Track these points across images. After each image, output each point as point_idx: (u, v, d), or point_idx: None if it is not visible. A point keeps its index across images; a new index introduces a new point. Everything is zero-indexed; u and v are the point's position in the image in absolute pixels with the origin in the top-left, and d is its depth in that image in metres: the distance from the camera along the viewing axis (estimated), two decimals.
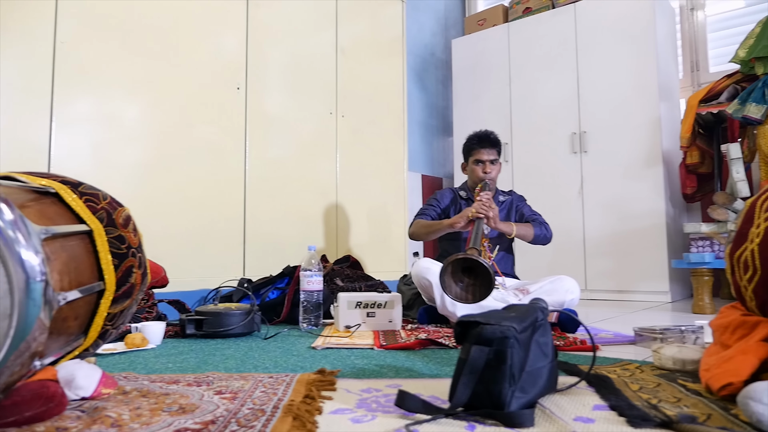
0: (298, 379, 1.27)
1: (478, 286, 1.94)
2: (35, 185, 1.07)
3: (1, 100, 2.14)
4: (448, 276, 1.95)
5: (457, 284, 1.97)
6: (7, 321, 0.89)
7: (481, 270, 1.92)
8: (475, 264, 1.93)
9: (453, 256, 1.95)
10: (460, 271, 1.98)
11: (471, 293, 1.96)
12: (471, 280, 1.97)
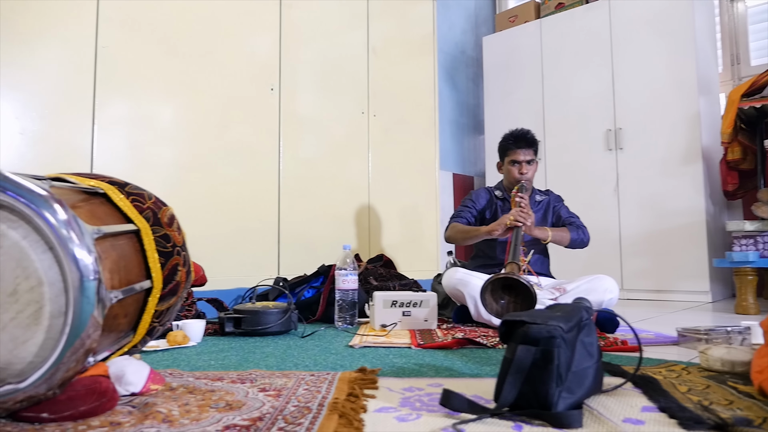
0: (339, 377, 1.28)
1: (519, 304, 1.94)
2: (84, 186, 1.10)
3: (46, 104, 2.21)
4: (489, 294, 1.95)
5: (498, 302, 1.96)
6: (62, 318, 0.92)
7: (522, 288, 1.91)
8: (516, 282, 1.92)
9: (494, 276, 1.95)
10: (500, 288, 1.98)
11: (512, 311, 1.95)
12: (512, 297, 1.97)
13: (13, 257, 0.90)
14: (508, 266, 2.04)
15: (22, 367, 0.92)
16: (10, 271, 0.90)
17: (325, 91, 3.31)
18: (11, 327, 0.91)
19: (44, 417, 0.95)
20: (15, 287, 0.90)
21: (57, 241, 0.89)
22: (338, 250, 3.25)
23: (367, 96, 3.56)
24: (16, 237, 0.90)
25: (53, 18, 2.23)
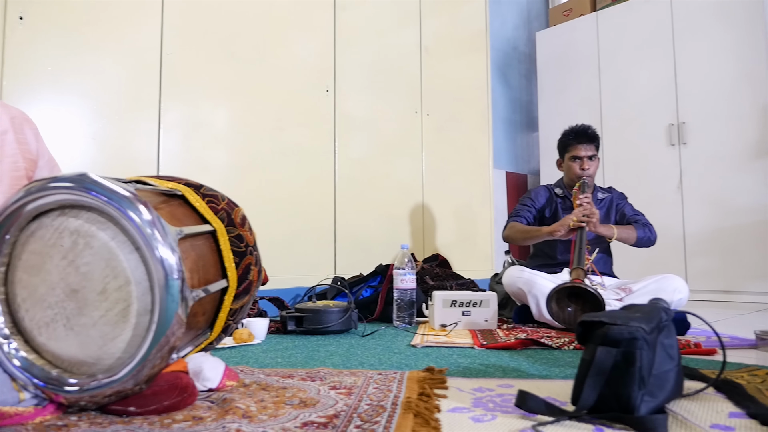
0: (408, 376, 1.28)
1: (587, 312, 1.90)
2: (163, 188, 1.14)
3: (115, 110, 2.30)
4: (555, 303, 1.93)
5: (565, 311, 1.93)
6: (148, 316, 0.95)
7: (590, 296, 1.87)
8: (583, 291, 1.89)
9: (561, 285, 1.92)
10: (566, 296, 1.94)
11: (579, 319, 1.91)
12: (578, 305, 1.94)
13: (103, 257, 0.94)
14: (574, 272, 2.00)
15: (111, 363, 0.97)
16: (99, 271, 0.94)
17: (378, 91, 3.32)
18: (101, 324, 0.95)
19: (131, 411, 0.99)
20: (104, 286, 0.94)
21: (143, 241, 0.92)
22: (393, 249, 3.27)
23: (420, 95, 3.55)
24: (105, 238, 0.94)
25: (121, 27, 2.32)
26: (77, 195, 0.94)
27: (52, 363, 1.00)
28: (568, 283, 1.93)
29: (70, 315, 0.96)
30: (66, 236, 0.95)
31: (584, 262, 2.07)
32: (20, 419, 0.95)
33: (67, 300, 0.96)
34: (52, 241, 0.96)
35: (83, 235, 0.94)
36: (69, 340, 0.96)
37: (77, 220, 0.95)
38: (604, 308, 1.84)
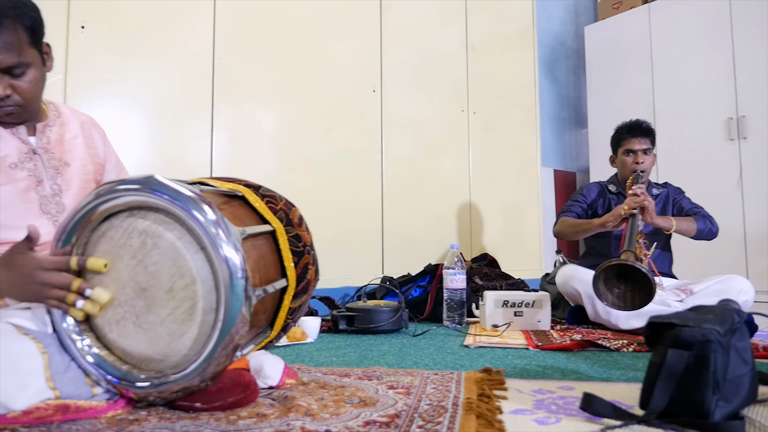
0: (465, 376, 1.27)
1: (637, 293, 1.83)
2: (224, 189, 1.17)
3: (170, 113, 2.37)
4: (602, 283, 1.85)
5: (612, 291, 1.86)
6: (213, 315, 0.97)
7: (640, 276, 1.80)
8: (632, 269, 1.81)
9: (607, 262, 1.85)
10: (615, 276, 1.87)
11: (629, 301, 1.84)
12: (628, 286, 1.86)
13: (170, 257, 0.97)
14: (624, 254, 1.93)
15: (178, 360, 0.99)
16: (167, 270, 0.97)
17: (425, 90, 3.31)
18: (168, 322, 0.98)
19: (197, 406, 1.01)
20: (171, 285, 0.97)
21: (208, 240, 0.94)
22: (440, 249, 3.26)
23: (467, 93, 3.52)
24: (172, 238, 0.97)
25: (176, 33, 2.39)
26: (145, 196, 0.97)
27: (122, 359, 1.03)
28: (615, 260, 1.85)
29: (139, 313, 0.99)
30: (135, 237, 0.98)
31: (635, 246, 1.99)
32: (94, 413, 0.98)
33: (136, 298, 0.99)
34: (122, 241, 0.99)
35: (151, 236, 0.97)
36: (138, 337, 0.99)
37: (145, 221, 0.98)
38: (655, 289, 1.76)
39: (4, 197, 1.10)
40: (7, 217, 1.10)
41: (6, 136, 1.14)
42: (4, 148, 1.13)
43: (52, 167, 1.18)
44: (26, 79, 1.11)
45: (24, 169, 1.14)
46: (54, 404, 0.96)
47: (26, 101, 1.12)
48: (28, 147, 1.16)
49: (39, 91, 1.15)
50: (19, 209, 1.11)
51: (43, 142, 1.19)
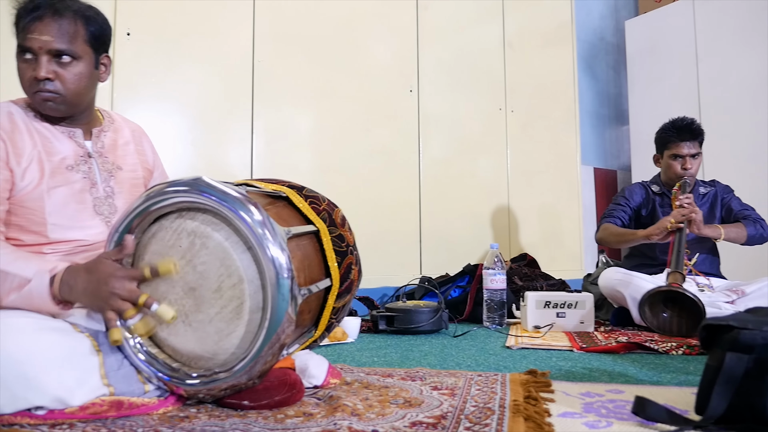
0: (510, 378, 1.25)
1: (684, 319, 1.81)
2: (268, 190, 1.18)
3: (212, 116, 2.41)
4: (648, 307, 1.84)
5: (659, 316, 1.84)
6: (260, 314, 0.98)
7: (687, 301, 1.76)
8: (681, 296, 1.78)
9: (655, 289, 1.83)
10: (662, 301, 1.84)
11: (675, 326, 1.83)
12: (675, 311, 1.83)
13: (218, 257, 0.98)
14: (671, 276, 1.89)
15: (226, 358, 1.01)
16: (215, 270, 0.99)
17: (461, 89, 3.29)
18: (216, 320, 0.99)
19: (245, 404, 1.03)
20: (219, 284, 0.98)
21: (255, 240, 0.95)
22: (478, 249, 3.23)
23: (504, 91, 3.48)
24: (220, 238, 0.98)
25: (217, 39, 2.43)
26: (193, 197, 0.99)
27: (172, 357, 1.05)
28: (663, 286, 1.82)
29: (188, 312, 1.01)
30: (184, 237, 1.00)
31: (683, 265, 1.95)
32: (146, 409, 1.01)
33: (185, 297, 1.01)
34: (172, 242, 1.01)
35: (199, 236, 0.99)
36: (187, 336, 1.02)
37: (194, 221, 1.00)
38: (704, 315, 1.72)
39: (60, 198, 1.14)
40: (62, 218, 1.14)
41: (64, 139, 1.19)
42: (63, 151, 1.18)
43: (105, 170, 1.22)
44: (71, 70, 1.14)
45: (79, 171, 1.18)
46: (109, 400, 0.99)
47: (66, 92, 1.14)
48: (83, 150, 1.21)
49: (82, 87, 1.17)
50: (74, 210, 1.15)
51: (98, 147, 1.24)
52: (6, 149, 1.11)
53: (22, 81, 1.14)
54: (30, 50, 1.11)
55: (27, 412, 0.94)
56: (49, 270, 1.01)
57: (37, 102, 1.14)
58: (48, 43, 1.11)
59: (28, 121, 1.16)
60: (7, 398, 0.91)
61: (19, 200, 1.12)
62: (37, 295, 1.00)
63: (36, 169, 1.13)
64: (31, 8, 1.11)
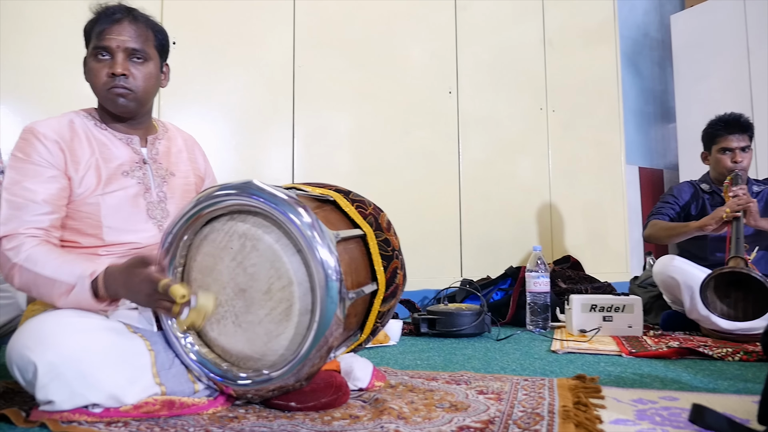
0: (558, 383, 1.23)
1: (750, 302, 1.70)
2: (316, 194, 1.19)
3: (255, 121, 2.46)
4: (711, 291, 1.74)
5: (723, 300, 1.74)
6: (308, 316, 0.99)
7: (754, 284, 1.67)
8: (745, 277, 1.69)
9: (718, 270, 1.74)
10: (724, 285, 1.75)
11: (740, 310, 1.72)
12: (739, 295, 1.74)
13: (268, 259, 1.00)
14: (732, 261, 1.80)
15: (275, 359, 1.02)
16: (265, 272, 1.00)
17: (501, 89, 3.25)
18: (266, 322, 1.01)
19: (292, 406, 1.04)
20: (269, 286, 1.00)
21: (305, 243, 0.96)
22: (520, 251, 3.18)
23: (545, 91, 3.43)
24: (270, 241, 1.00)
25: (258, 45, 2.48)
26: (244, 200, 1.01)
27: (222, 357, 1.07)
28: (727, 268, 1.73)
29: (238, 312, 1.03)
30: (235, 239, 1.02)
31: (742, 252, 1.86)
32: (197, 409, 1.03)
33: (236, 298, 1.02)
34: (223, 243, 1.03)
35: (250, 238, 1.01)
36: (237, 336, 1.03)
37: (245, 224, 1.02)
38: None
39: (116, 202, 1.19)
40: (117, 221, 1.18)
41: (121, 146, 1.24)
42: (120, 157, 1.23)
43: (159, 176, 1.27)
44: (143, 69, 1.23)
45: (134, 176, 1.22)
46: (161, 400, 1.01)
47: (137, 90, 1.22)
48: (139, 157, 1.25)
49: (150, 88, 1.26)
50: (128, 213, 1.19)
51: (153, 153, 1.28)
52: (65, 159, 1.16)
53: (95, 80, 1.21)
54: (107, 49, 1.19)
55: (84, 409, 0.97)
56: (89, 275, 1.04)
57: (111, 98, 1.21)
58: (125, 42, 1.20)
59: (88, 129, 1.22)
60: (65, 394, 0.95)
61: (77, 205, 1.17)
62: (83, 299, 1.04)
63: (93, 175, 1.18)
64: (110, 13, 1.21)
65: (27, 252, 1.07)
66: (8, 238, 1.09)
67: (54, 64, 2.02)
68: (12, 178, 1.13)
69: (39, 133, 1.15)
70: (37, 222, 1.11)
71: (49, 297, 1.06)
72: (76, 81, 2.01)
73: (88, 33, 1.24)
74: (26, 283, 1.08)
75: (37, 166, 1.14)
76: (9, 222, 1.10)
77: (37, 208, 1.11)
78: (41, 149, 1.14)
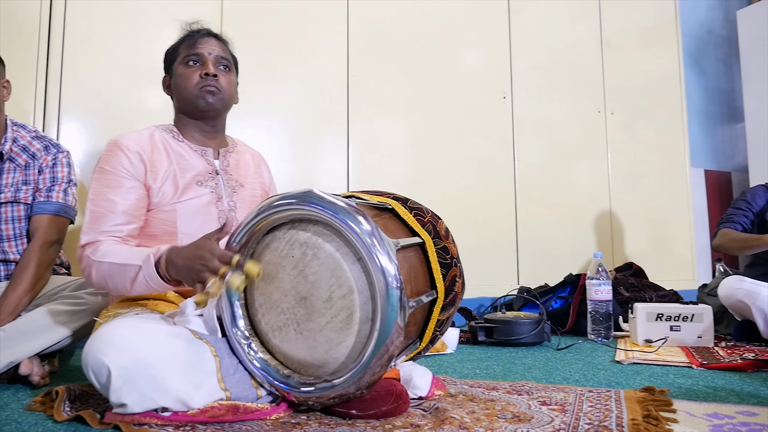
0: (625, 395, 1.18)
1: None
2: (374, 202, 1.20)
3: (310, 130, 2.50)
4: None
5: None
6: (369, 324, 0.99)
7: None
8: None
9: None
10: None
11: None
12: None
13: (329, 267, 1.01)
14: None
15: (336, 367, 1.03)
16: (325, 280, 1.01)
17: (557, 93, 3.18)
18: (327, 330, 1.02)
19: (353, 413, 1.04)
20: (330, 294, 1.01)
21: (365, 251, 0.97)
22: (579, 258, 3.10)
23: (603, 93, 3.34)
24: (331, 249, 1.01)
25: (313, 57, 2.52)
26: (304, 209, 1.02)
27: (284, 364, 1.09)
28: None
29: (300, 320, 1.04)
30: (296, 248, 1.04)
31: None
32: (260, 415, 1.05)
33: (297, 306, 1.04)
34: (285, 252, 1.05)
35: (311, 247, 1.02)
36: (299, 344, 1.05)
37: (305, 233, 1.03)
38: None
39: (190, 209, 1.26)
40: (190, 228, 1.26)
41: (196, 157, 1.33)
42: (195, 167, 1.31)
43: (229, 187, 1.35)
44: (228, 76, 1.39)
45: (208, 186, 1.30)
46: (226, 405, 1.04)
47: (224, 92, 1.36)
48: (212, 168, 1.34)
49: (232, 94, 1.41)
50: (201, 221, 1.27)
51: (224, 165, 1.37)
52: (145, 169, 1.25)
53: (186, 82, 1.34)
54: (198, 56, 1.36)
55: (154, 412, 1.00)
56: (153, 253, 1.10)
57: (202, 96, 1.33)
58: (215, 51, 1.38)
59: (167, 142, 1.32)
60: (136, 398, 0.99)
61: (155, 212, 1.25)
62: (149, 278, 1.10)
63: (171, 184, 1.26)
64: (199, 30, 1.40)
65: (104, 249, 1.16)
66: (89, 246, 1.18)
67: (120, 82, 2.11)
68: (96, 189, 1.23)
69: (123, 145, 1.25)
70: (116, 231, 1.20)
71: (123, 284, 1.14)
72: (140, 97, 2.15)
73: (174, 50, 1.39)
74: (102, 275, 1.16)
75: (119, 177, 1.23)
76: (91, 231, 1.20)
77: (116, 218, 1.20)
78: (124, 160, 1.23)
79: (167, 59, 1.44)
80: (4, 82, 1.57)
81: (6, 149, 1.54)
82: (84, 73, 2.06)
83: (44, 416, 1.08)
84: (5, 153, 1.54)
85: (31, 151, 1.58)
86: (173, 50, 1.42)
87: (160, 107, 2.15)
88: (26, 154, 1.58)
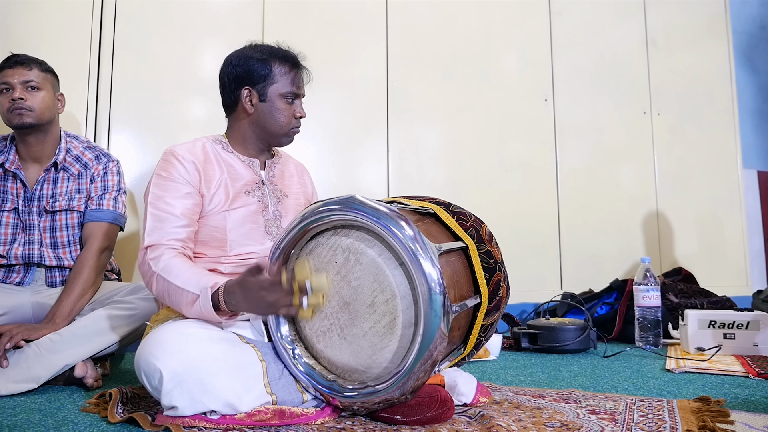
0: (678, 405, 1.14)
1: None
2: (416, 207, 1.20)
3: (351, 137, 2.51)
4: None
5: None
6: (412, 329, 0.99)
7: None
8: None
9: None
10: None
11: None
12: None
13: (371, 273, 1.01)
14: None
15: (379, 372, 1.03)
16: (368, 285, 1.01)
17: (600, 94, 3.11)
18: (370, 335, 1.02)
19: (398, 419, 1.04)
20: (373, 299, 1.01)
21: (407, 256, 0.97)
22: (625, 263, 3.02)
23: (649, 93, 3.25)
24: (373, 254, 1.01)
25: (353, 64, 2.54)
26: (347, 215, 1.03)
27: (328, 369, 1.10)
28: None
29: (343, 325, 1.05)
30: (339, 253, 1.04)
31: None
32: (306, 419, 1.06)
33: (340, 311, 1.05)
34: (328, 257, 1.06)
35: (354, 252, 1.03)
36: (342, 349, 1.05)
37: (348, 238, 1.04)
38: None
39: (239, 217, 1.29)
40: (239, 235, 1.28)
41: (244, 168, 1.36)
42: (244, 177, 1.34)
43: (275, 196, 1.37)
44: None
45: (255, 195, 1.33)
46: (272, 409, 1.05)
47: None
48: (258, 178, 1.37)
49: None
50: (249, 229, 1.29)
51: (270, 176, 1.40)
52: (199, 178, 1.28)
53: (284, 119, 1.39)
54: (298, 96, 1.47)
55: (203, 415, 1.03)
56: (210, 286, 1.10)
57: (291, 137, 1.43)
58: (303, 91, 1.53)
59: (217, 152, 1.35)
60: (186, 401, 1.01)
61: (206, 219, 1.28)
62: (205, 310, 1.10)
63: (222, 193, 1.29)
64: (299, 60, 1.53)
65: (165, 262, 1.18)
66: (152, 248, 1.21)
67: (168, 94, 2.18)
68: (155, 194, 1.26)
69: (178, 155, 1.28)
70: (176, 234, 1.23)
71: (179, 305, 1.16)
72: (187, 109, 2.20)
73: (267, 71, 1.41)
74: (162, 291, 1.18)
75: (176, 183, 1.26)
76: (153, 233, 1.23)
77: (176, 220, 1.23)
78: (180, 168, 1.27)
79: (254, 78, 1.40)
80: (58, 95, 1.65)
81: (60, 159, 1.61)
82: (133, 86, 2.13)
83: (98, 417, 1.12)
84: (60, 163, 1.61)
85: (84, 161, 1.65)
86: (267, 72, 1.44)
87: (205, 117, 2.21)
88: (79, 164, 1.64)
